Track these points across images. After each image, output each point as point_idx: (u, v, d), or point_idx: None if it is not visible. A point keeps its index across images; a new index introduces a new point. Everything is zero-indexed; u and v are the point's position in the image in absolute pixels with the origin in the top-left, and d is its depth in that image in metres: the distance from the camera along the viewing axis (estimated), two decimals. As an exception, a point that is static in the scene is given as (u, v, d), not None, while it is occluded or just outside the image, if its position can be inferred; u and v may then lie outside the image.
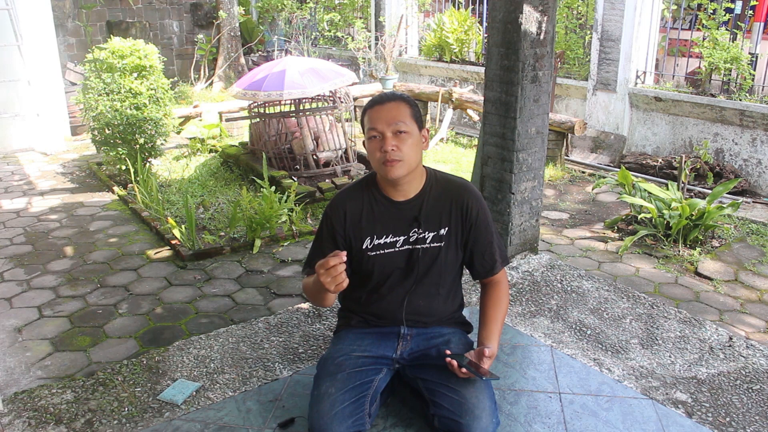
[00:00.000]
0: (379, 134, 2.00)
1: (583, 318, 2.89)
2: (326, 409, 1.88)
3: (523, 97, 3.20)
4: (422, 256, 2.10)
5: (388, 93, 2.08)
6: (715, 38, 5.93)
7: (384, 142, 1.99)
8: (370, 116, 2.03)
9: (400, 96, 2.06)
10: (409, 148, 2.00)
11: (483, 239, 2.13)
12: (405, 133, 1.99)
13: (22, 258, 4.22)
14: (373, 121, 2.02)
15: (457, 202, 2.11)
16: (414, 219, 2.09)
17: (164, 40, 10.34)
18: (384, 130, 1.99)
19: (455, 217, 2.10)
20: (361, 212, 2.11)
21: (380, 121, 2.00)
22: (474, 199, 2.12)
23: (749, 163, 5.67)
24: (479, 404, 1.88)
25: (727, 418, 2.20)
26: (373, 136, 2.02)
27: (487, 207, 2.18)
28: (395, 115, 1.99)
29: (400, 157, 1.99)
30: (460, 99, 7.36)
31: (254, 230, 4.39)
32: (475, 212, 2.11)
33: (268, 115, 5.69)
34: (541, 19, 3.13)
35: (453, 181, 2.17)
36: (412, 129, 2.01)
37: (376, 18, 9.68)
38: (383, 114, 2.00)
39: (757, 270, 4.07)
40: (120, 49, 5.24)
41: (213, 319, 3.42)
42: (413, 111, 2.04)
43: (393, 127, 1.98)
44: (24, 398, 2.37)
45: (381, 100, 2.04)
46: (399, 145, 1.98)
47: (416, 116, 2.04)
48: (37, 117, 6.87)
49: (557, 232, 4.79)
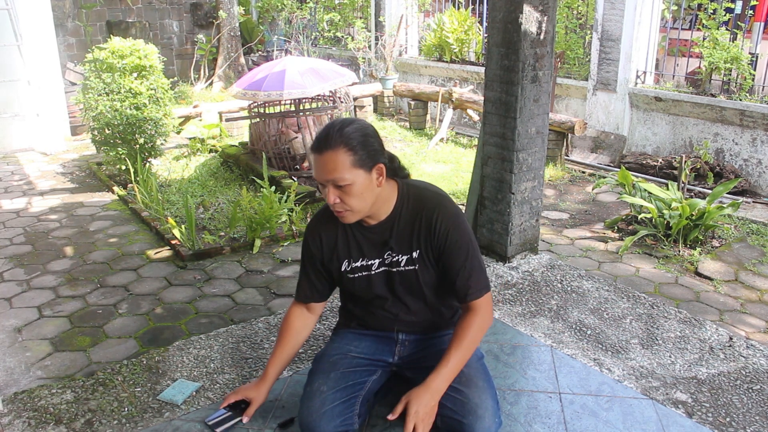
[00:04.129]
0: (321, 184, 1.86)
1: (584, 318, 2.89)
2: (316, 407, 1.89)
3: (523, 97, 3.19)
4: (400, 279, 2.02)
5: (331, 132, 1.81)
6: (715, 38, 5.92)
7: (326, 194, 1.85)
8: (312, 162, 1.88)
9: (340, 139, 1.80)
10: (355, 198, 1.84)
11: (454, 262, 1.94)
12: (347, 185, 1.81)
13: (22, 258, 4.21)
14: (313, 168, 1.86)
15: (425, 223, 1.94)
16: (385, 242, 1.99)
17: (164, 40, 10.34)
18: (324, 182, 1.83)
19: (424, 237, 1.95)
20: (336, 237, 2.03)
21: (319, 172, 1.83)
22: (444, 218, 1.93)
23: (749, 163, 5.67)
24: (482, 404, 1.87)
25: (727, 418, 2.20)
26: (317, 184, 1.92)
27: (464, 228, 1.96)
28: (332, 169, 1.80)
29: (345, 209, 1.86)
30: (460, 99, 7.36)
31: (254, 230, 4.39)
32: (444, 232, 1.93)
33: (268, 115, 5.69)
34: (541, 18, 3.13)
35: (425, 199, 1.98)
36: (356, 178, 1.81)
37: (376, 18, 9.68)
38: (320, 165, 1.82)
39: (758, 270, 4.07)
40: (120, 49, 5.24)
41: (213, 319, 3.41)
42: (355, 156, 1.80)
43: (330, 180, 1.81)
44: (24, 398, 2.37)
45: (318, 147, 1.82)
46: (342, 197, 1.84)
47: (361, 161, 1.81)
48: (36, 117, 6.87)
49: (557, 232, 4.79)
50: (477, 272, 1.96)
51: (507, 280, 3.26)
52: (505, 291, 3.15)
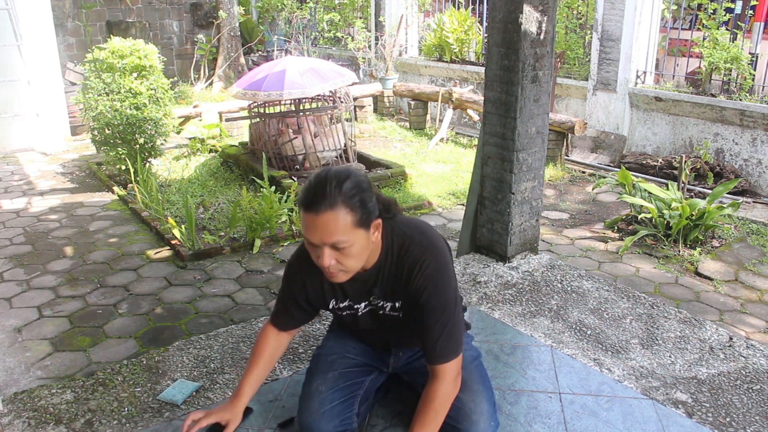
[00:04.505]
0: (314, 245, 1.68)
1: (584, 318, 2.89)
2: (315, 407, 1.90)
3: (523, 97, 3.19)
4: (386, 318, 1.95)
5: (326, 189, 1.61)
6: (715, 38, 5.92)
7: (321, 256, 1.67)
8: (304, 221, 1.66)
9: (339, 197, 1.61)
10: (353, 258, 1.69)
11: (425, 320, 1.80)
12: (346, 247, 1.65)
13: (22, 258, 4.21)
14: (306, 229, 1.66)
15: (406, 276, 1.81)
16: (370, 291, 1.89)
17: (164, 40, 10.34)
18: (319, 244, 1.66)
19: (405, 290, 1.83)
20: (321, 282, 1.91)
21: (314, 233, 1.64)
22: (424, 275, 1.78)
23: (749, 163, 5.67)
24: (476, 408, 1.87)
25: (727, 419, 2.20)
26: (308, 243, 1.69)
27: (443, 287, 1.80)
28: (332, 231, 1.62)
29: (341, 269, 1.70)
30: (460, 99, 7.36)
31: (254, 230, 4.39)
32: (420, 289, 1.79)
33: (268, 115, 5.69)
34: (541, 18, 3.13)
35: (410, 251, 1.81)
36: (356, 238, 1.65)
37: (376, 18, 9.68)
38: (317, 226, 1.62)
39: (758, 270, 4.07)
40: (120, 49, 5.24)
41: (213, 319, 3.41)
42: (356, 216, 1.63)
43: (329, 243, 1.64)
44: (24, 398, 2.36)
45: (314, 205, 1.61)
46: (339, 258, 1.67)
47: (362, 220, 1.65)
48: (36, 117, 6.87)
49: (557, 232, 4.79)
50: (447, 336, 1.79)
51: (507, 280, 3.26)
52: (505, 291, 3.14)
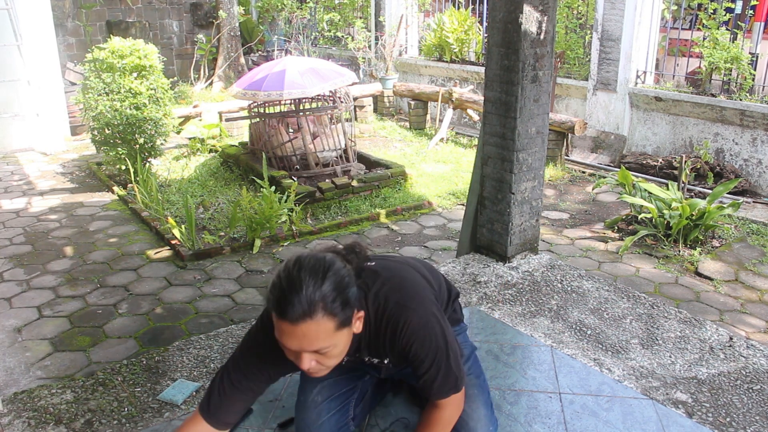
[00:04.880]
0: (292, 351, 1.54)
1: (584, 318, 2.89)
2: (313, 418, 1.90)
3: (523, 97, 3.19)
4: (374, 366, 1.89)
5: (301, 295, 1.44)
6: (715, 38, 5.92)
7: (299, 360, 1.53)
8: (278, 327, 1.50)
9: (317, 304, 1.45)
10: (336, 357, 1.58)
11: (417, 369, 1.75)
12: (327, 350, 1.53)
13: (22, 258, 4.21)
14: (282, 334, 1.50)
15: (391, 337, 1.72)
16: (356, 350, 1.78)
17: (164, 40, 10.33)
18: (298, 351, 1.51)
19: (391, 348, 1.76)
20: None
21: (291, 342, 1.49)
22: (407, 334, 1.70)
23: (750, 163, 5.67)
24: (473, 414, 1.88)
25: (727, 419, 2.20)
26: (283, 346, 1.55)
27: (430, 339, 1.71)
28: (312, 341, 1.48)
29: (321, 369, 1.59)
30: (460, 99, 7.36)
31: (254, 230, 4.39)
32: (407, 347, 1.71)
33: (268, 115, 5.69)
34: (542, 18, 3.13)
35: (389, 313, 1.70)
36: (338, 339, 1.53)
37: (376, 18, 9.68)
38: (295, 336, 1.47)
39: (758, 270, 4.07)
40: (120, 49, 5.24)
41: (213, 319, 3.41)
42: (338, 319, 1.50)
43: (311, 350, 1.51)
44: (24, 398, 2.36)
45: (290, 316, 1.45)
46: (321, 360, 1.55)
47: (344, 321, 1.52)
48: (36, 117, 6.87)
49: (557, 232, 4.79)
50: (442, 379, 1.74)
51: (507, 280, 3.26)
52: (505, 291, 3.14)
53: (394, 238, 4.63)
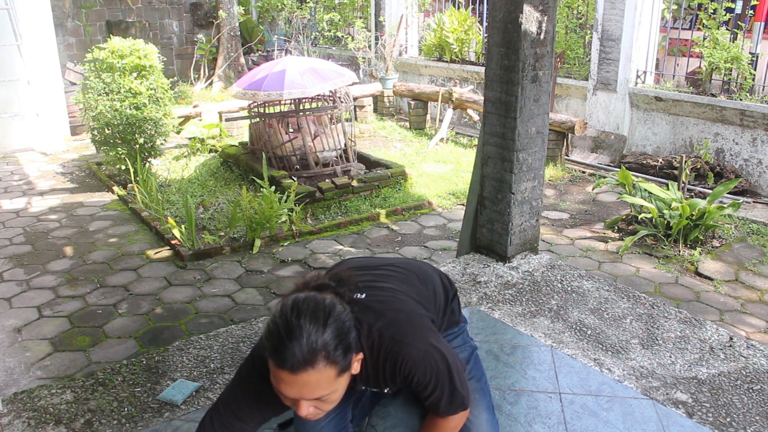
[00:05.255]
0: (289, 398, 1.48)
1: (584, 318, 2.88)
2: (312, 423, 1.87)
3: (523, 97, 3.19)
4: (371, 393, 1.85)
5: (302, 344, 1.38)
6: (715, 38, 5.92)
7: (297, 407, 1.48)
8: (275, 374, 1.43)
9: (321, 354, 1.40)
10: (334, 402, 1.54)
11: (421, 394, 1.73)
12: (327, 397, 1.48)
13: (22, 258, 4.21)
14: (280, 383, 1.43)
15: (391, 373, 1.68)
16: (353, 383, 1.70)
17: (164, 39, 10.33)
18: (297, 398, 1.46)
19: (392, 380, 1.72)
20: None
21: (290, 390, 1.43)
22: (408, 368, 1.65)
23: (750, 163, 5.66)
24: (474, 420, 1.87)
25: (727, 419, 2.20)
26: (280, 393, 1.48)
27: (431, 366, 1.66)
28: (313, 389, 1.42)
29: (320, 413, 1.53)
30: (460, 99, 7.36)
31: (254, 230, 4.39)
32: (409, 377, 1.67)
33: (268, 115, 5.69)
34: (542, 18, 3.13)
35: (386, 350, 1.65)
36: (338, 385, 1.48)
37: (376, 18, 9.68)
38: (294, 385, 1.41)
39: (758, 270, 4.07)
40: (120, 49, 5.24)
41: (213, 319, 3.41)
42: (339, 367, 1.45)
43: (309, 398, 1.46)
44: (24, 398, 2.36)
45: (289, 366, 1.39)
46: (320, 405, 1.50)
47: (344, 368, 1.47)
48: (36, 117, 6.87)
49: (557, 232, 4.79)
50: (448, 399, 1.71)
51: (507, 280, 3.25)
52: (505, 291, 3.14)
53: (394, 238, 4.63)
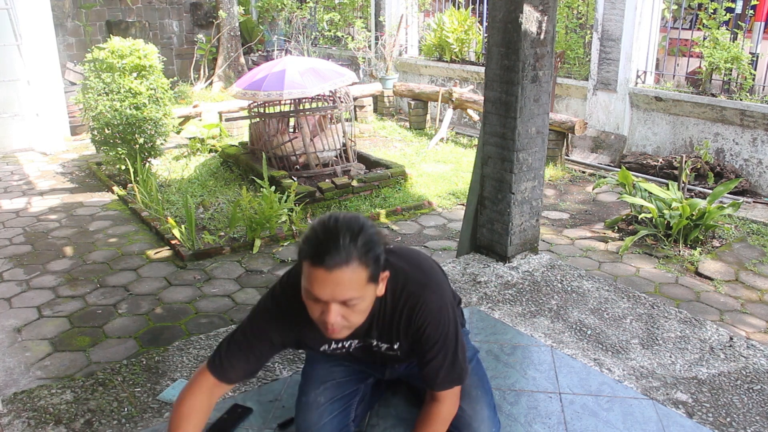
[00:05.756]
0: (319, 299, 1.55)
1: (584, 318, 2.88)
2: (314, 420, 1.89)
3: (523, 97, 3.19)
4: (381, 356, 1.89)
5: (339, 242, 1.49)
6: (715, 38, 5.92)
7: (326, 312, 1.55)
8: (311, 276, 1.52)
9: (354, 252, 1.50)
10: (361, 314, 1.60)
11: (425, 354, 1.77)
12: (356, 303, 1.56)
13: (22, 258, 4.21)
14: (313, 285, 1.52)
15: (406, 317, 1.75)
16: (365, 333, 1.80)
17: (164, 39, 10.33)
18: (328, 300, 1.53)
19: (404, 331, 1.78)
20: (313, 333, 1.75)
21: (324, 290, 1.52)
22: (423, 316, 1.73)
23: (750, 163, 5.66)
24: (476, 416, 1.87)
25: (727, 419, 2.20)
26: (311, 298, 1.57)
27: (444, 324, 1.75)
28: (345, 289, 1.51)
29: (346, 326, 1.60)
30: (460, 99, 7.35)
31: (254, 230, 4.39)
32: (421, 327, 1.74)
33: (268, 115, 5.69)
34: (542, 18, 3.13)
35: (408, 291, 1.73)
36: (367, 294, 1.56)
37: (376, 18, 9.67)
38: (329, 283, 1.50)
39: (758, 270, 4.07)
40: (119, 49, 5.24)
41: (213, 319, 3.41)
42: (370, 271, 1.54)
43: (341, 300, 1.54)
44: (23, 398, 2.36)
45: (326, 261, 1.49)
46: (347, 315, 1.57)
47: (373, 276, 1.56)
48: (36, 117, 6.86)
49: (557, 232, 4.79)
50: (450, 366, 1.77)
51: (507, 280, 3.25)
52: (505, 291, 3.14)
53: (394, 238, 4.63)
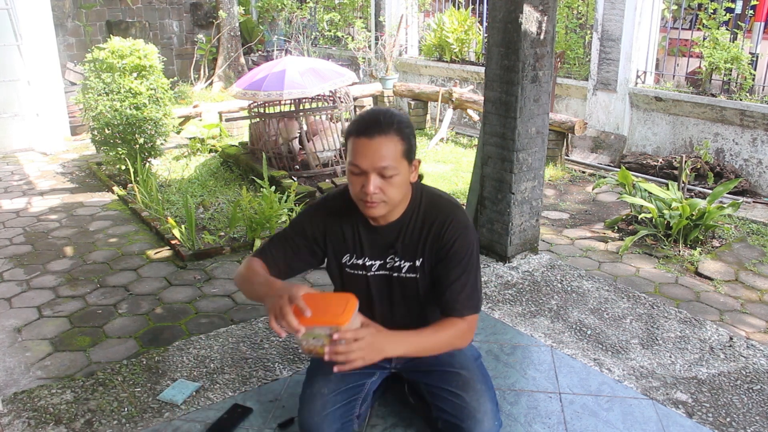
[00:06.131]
0: (361, 171, 1.75)
1: (584, 318, 2.88)
2: (318, 409, 1.89)
3: (523, 97, 3.19)
4: (399, 286, 1.96)
5: (380, 118, 1.76)
6: (715, 38, 5.92)
7: (366, 183, 1.75)
8: (355, 147, 1.76)
9: (394, 125, 1.75)
10: (396, 189, 1.78)
11: (450, 273, 1.86)
12: (392, 175, 1.75)
13: (22, 258, 4.21)
14: (356, 155, 1.75)
15: (435, 230, 1.86)
16: (391, 246, 1.91)
17: (164, 39, 10.33)
18: (368, 170, 1.74)
19: (431, 245, 1.88)
20: (341, 230, 1.94)
21: (365, 159, 1.73)
22: (454, 230, 1.85)
23: (750, 163, 5.67)
24: (480, 408, 1.87)
25: (727, 419, 2.20)
26: (354, 172, 1.77)
27: (472, 244, 1.87)
28: (383, 156, 1.73)
29: (383, 199, 1.77)
30: (460, 99, 7.35)
31: (254, 230, 4.39)
32: (451, 240, 1.85)
33: (268, 115, 5.69)
34: (542, 18, 3.13)
35: (439, 207, 1.90)
36: (402, 168, 1.77)
37: (376, 18, 9.68)
38: (369, 151, 1.73)
39: (758, 270, 4.07)
40: (120, 49, 5.24)
41: (213, 319, 3.41)
42: (406, 146, 1.77)
43: (379, 169, 1.74)
44: (24, 398, 2.36)
45: (369, 131, 1.74)
46: (383, 187, 1.75)
47: (409, 151, 1.79)
48: (36, 117, 6.86)
49: (557, 232, 4.79)
50: (470, 291, 1.87)
51: (507, 280, 3.25)
52: (505, 291, 3.14)
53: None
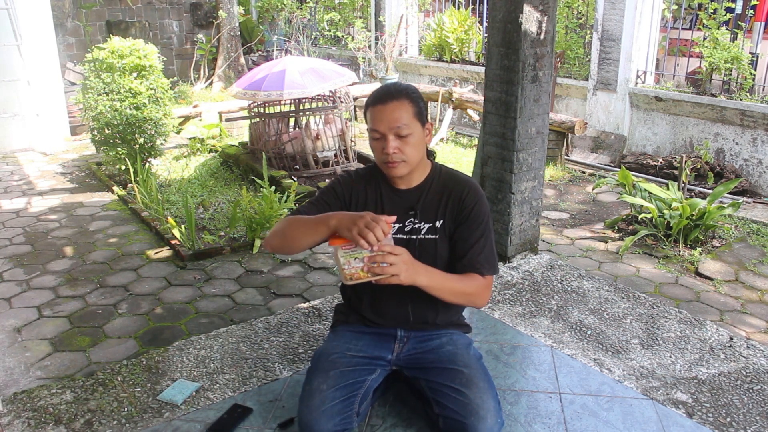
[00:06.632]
0: (380, 135, 1.99)
1: (584, 318, 2.88)
2: (316, 405, 1.89)
3: (523, 97, 3.19)
4: (418, 247, 2.06)
5: (391, 88, 2.03)
6: (715, 38, 5.92)
7: (386, 145, 1.98)
8: (372, 115, 2.01)
9: (403, 92, 2.01)
10: (412, 148, 2.00)
11: (470, 236, 2.06)
12: (407, 135, 1.98)
13: (22, 258, 4.21)
14: (374, 121, 2.00)
15: (455, 196, 2.08)
16: (411, 208, 2.09)
17: (164, 39, 10.33)
18: (385, 132, 1.98)
19: (450, 209, 2.08)
20: (366, 194, 2.13)
21: (382, 122, 1.98)
22: (473, 195, 2.08)
23: (750, 163, 5.66)
24: (483, 405, 1.87)
25: (727, 419, 2.20)
26: (375, 137, 2.01)
27: (488, 211, 2.10)
28: (397, 117, 1.97)
29: (402, 159, 1.99)
30: (460, 99, 7.35)
31: (254, 230, 4.39)
32: (471, 204, 2.07)
33: (268, 115, 5.69)
34: (542, 18, 3.13)
35: (457, 177, 2.14)
36: (415, 129, 2.00)
37: (376, 18, 9.68)
38: (385, 115, 1.98)
39: (758, 270, 4.07)
40: (119, 49, 5.24)
41: (213, 319, 3.41)
42: (416, 108, 2.01)
43: (395, 129, 1.97)
44: (23, 398, 2.36)
45: (383, 99, 2.00)
46: (401, 147, 1.98)
47: (419, 113, 2.02)
48: (36, 117, 6.87)
49: (557, 232, 4.79)
50: (488, 252, 2.06)
51: (507, 280, 3.25)
52: (505, 291, 3.14)
53: (394, 238, 4.62)
